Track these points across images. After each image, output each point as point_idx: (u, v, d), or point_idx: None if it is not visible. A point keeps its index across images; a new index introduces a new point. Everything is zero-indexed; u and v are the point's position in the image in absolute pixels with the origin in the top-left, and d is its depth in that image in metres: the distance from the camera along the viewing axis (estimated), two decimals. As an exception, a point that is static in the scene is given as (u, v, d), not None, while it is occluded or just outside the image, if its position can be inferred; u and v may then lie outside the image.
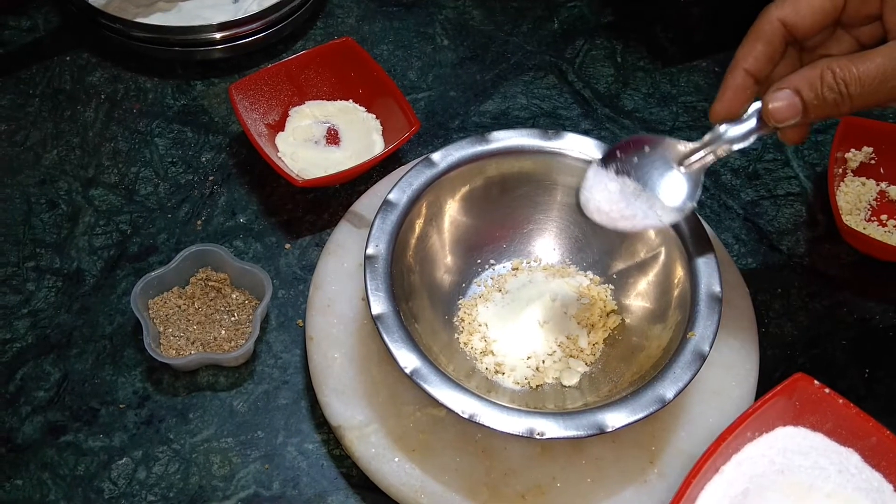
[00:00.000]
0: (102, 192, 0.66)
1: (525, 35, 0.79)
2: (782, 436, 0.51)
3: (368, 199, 0.63)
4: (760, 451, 0.51)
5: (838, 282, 0.65)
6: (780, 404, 0.52)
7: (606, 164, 0.52)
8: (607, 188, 0.51)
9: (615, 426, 0.48)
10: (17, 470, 0.54)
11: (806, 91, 0.45)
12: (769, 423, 0.51)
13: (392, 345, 0.50)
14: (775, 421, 0.51)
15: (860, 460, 0.51)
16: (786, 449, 0.51)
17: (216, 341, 0.58)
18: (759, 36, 0.47)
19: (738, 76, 0.48)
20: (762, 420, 0.51)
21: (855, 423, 0.51)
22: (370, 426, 0.53)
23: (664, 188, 0.51)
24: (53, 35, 0.76)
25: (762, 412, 0.51)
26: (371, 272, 0.53)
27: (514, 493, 0.52)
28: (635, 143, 0.52)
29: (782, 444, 0.51)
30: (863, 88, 0.44)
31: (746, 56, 0.48)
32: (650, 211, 0.51)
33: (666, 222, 0.52)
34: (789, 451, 0.51)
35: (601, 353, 0.58)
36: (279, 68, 0.69)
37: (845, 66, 0.44)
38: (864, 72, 0.44)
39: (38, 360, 0.58)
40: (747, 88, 0.48)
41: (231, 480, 0.54)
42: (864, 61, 0.44)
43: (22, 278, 0.62)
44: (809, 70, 0.45)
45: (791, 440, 0.51)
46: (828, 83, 0.45)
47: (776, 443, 0.51)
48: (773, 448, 0.51)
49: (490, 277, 0.61)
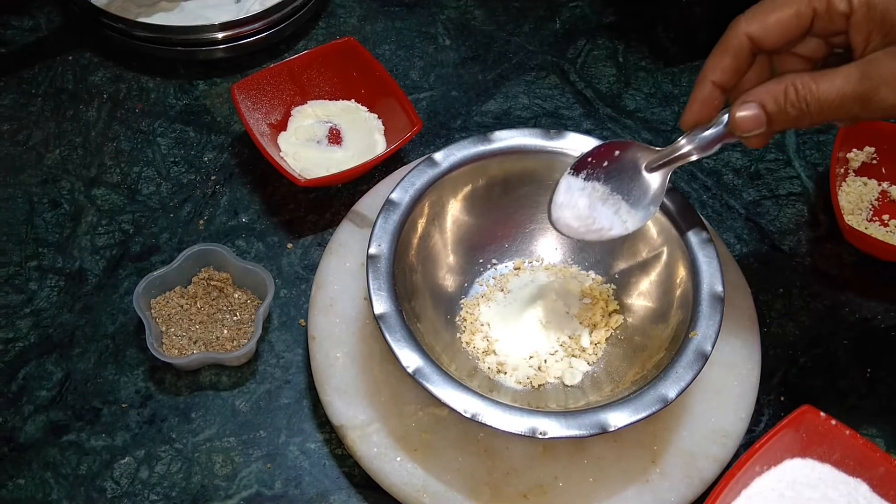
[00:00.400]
0: (105, 192, 0.66)
1: (527, 35, 0.79)
2: (790, 468, 0.51)
3: (370, 199, 0.63)
4: (770, 486, 0.51)
5: (840, 282, 0.65)
6: (788, 437, 0.52)
7: (577, 170, 0.53)
8: (576, 204, 0.53)
9: (617, 426, 0.48)
10: (19, 469, 0.54)
11: (770, 105, 0.47)
12: (777, 456, 0.51)
13: (394, 344, 0.50)
14: (783, 454, 0.52)
15: (869, 490, 0.51)
16: (795, 482, 0.51)
17: (218, 341, 0.58)
18: (727, 49, 0.48)
19: (706, 88, 0.50)
20: (770, 453, 0.51)
21: (862, 453, 0.51)
22: (372, 426, 0.53)
23: (631, 192, 0.53)
24: (56, 35, 0.76)
25: (770, 445, 0.51)
26: (373, 272, 0.53)
27: (516, 492, 0.52)
28: (606, 149, 0.53)
29: (791, 477, 0.51)
30: (822, 107, 0.46)
31: (714, 68, 0.49)
32: (615, 217, 0.53)
33: (630, 228, 0.54)
34: (798, 483, 0.51)
35: (603, 353, 0.58)
36: (281, 68, 0.69)
37: (807, 84, 0.46)
38: (823, 92, 0.45)
39: (40, 360, 0.58)
40: (715, 99, 0.50)
41: (233, 480, 0.54)
42: (825, 81, 0.45)
43: (24, 278, 0.62)
44: (774, 84, 0.47)
45: (799, 472, 0.51)
46: (790, 100, 0.46)
47: (785, 476, 0.51)
48: (783, 481, 0.51)
49: (492, 277, 0.61)
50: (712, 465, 0.53)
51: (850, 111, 0.46)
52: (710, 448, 0.54)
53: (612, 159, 0.53)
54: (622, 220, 0.53)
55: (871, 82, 0.44)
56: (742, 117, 0.47)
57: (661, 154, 0.53)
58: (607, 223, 0.53)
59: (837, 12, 0.45)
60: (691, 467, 0.53)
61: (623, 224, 0.53)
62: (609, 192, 0.53)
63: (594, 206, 0.53)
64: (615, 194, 0.53)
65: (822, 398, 0.59)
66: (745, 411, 0.55)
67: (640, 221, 0.53)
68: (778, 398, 0.59)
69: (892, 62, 0.44)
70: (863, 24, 0.45)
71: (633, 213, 0.53)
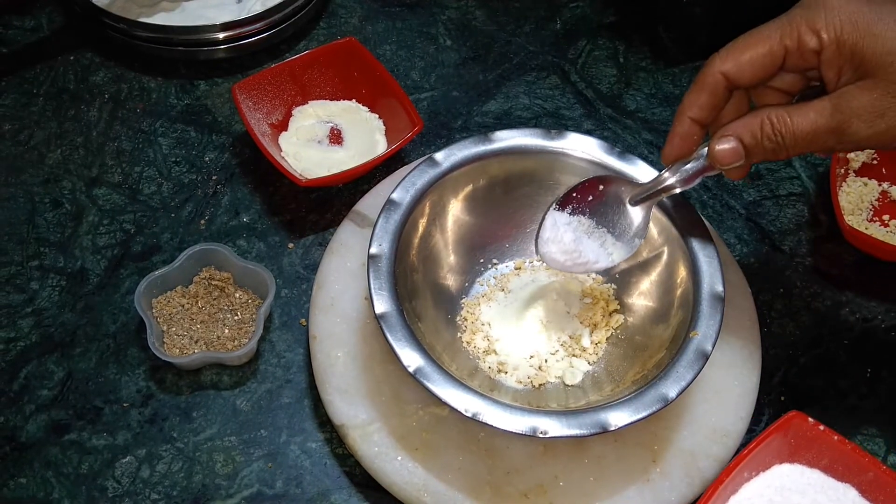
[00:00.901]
0: (106, 192, 0.67)
1: (527, 35, 0.79)
2: (779, 474, 0.52)
3: (371, 199, 0.63)
4: (758, 491, 0.51)
5: (840, 282, 0.65)
6: (776, 442, 0.52)
7: (563, 205, 0.55)
8: (562, 239, 0.55)
9: (618, 425, 0.48)
10: (21, 468, 0.54)
11: (748, 139, 0.48)
12: (766, 461, 0.52)
13: (395, 344, 0.50)
14: (772, 459, 0.52)
15: (858, 495, 0.51)
16: (783, 487, 0.51)
17: (219, 340, 0.58)
18: (703, 87, 0.50)
19: (685, 124, 0.51)
20: (759, 459, 0.52)
21: (851, 458, 0.52)
22: (373, 425, 0.54)
23: (616, 225, 0.55)
24: (57, 35, 0.76)
25: (758, 451, 0.51)
26: (374, 271, 0.53)
27: (517, 491, 0.52)
28: (591, 184, 0.55)
29: (779, 483, 0.51)
30: (797, 140, 0.47)
31: (692, 105, 0.50)
32: (601, 250, 0.55)
33: (616, 261, 0.55)
34: (786, 489, 0.51)
35: (604, 353, 0.58)
36: (283, 68, 0.69)
37: (782, 118, 0.47)
38: (798, 125, 0.47)
39: (41, 359, 0.58)
40: (694, 134, 0.51)
41: (234, 479, 0.54)
42: (799, 115, 0.47)
43: (26, 277, 0.62)
44: (751, 118, 0.48)
45: (788, 478, 0.52)
46: (766, 133, 0.47)
47: (773, 481, 0.51)
48: (771, 487, 0.51)
49: (493, 277, 0.61)
50: (713, 464, 0.53)
51: (825, 144, 0.47)
52: (711, 447, 0.54)
53: (596, 194, 0.55)
54: (608, 252, 0.55)
55: (842, 115, 0.45)
56: (721, 151, 0.49)
57: (644, 188, 0.54)
58: (593, 256, 0.55)
59: (808, 49, 0.46)
60: (692, 467, 0.53)
61: (609, 257, 0.55)
62: (594, 225, 0.55)
63: (580, 240, 0.55)
64: (601, 227, 0.55)
65: (822, 398, 0.60)
66: (745, 411, 0.56)
67: (625, 254, 0.55)
68: (778, 398, 0.59)
69: (863, 95, 0.45)
70: (834, 59, 0.46)
71: (619, 245, 0.55)
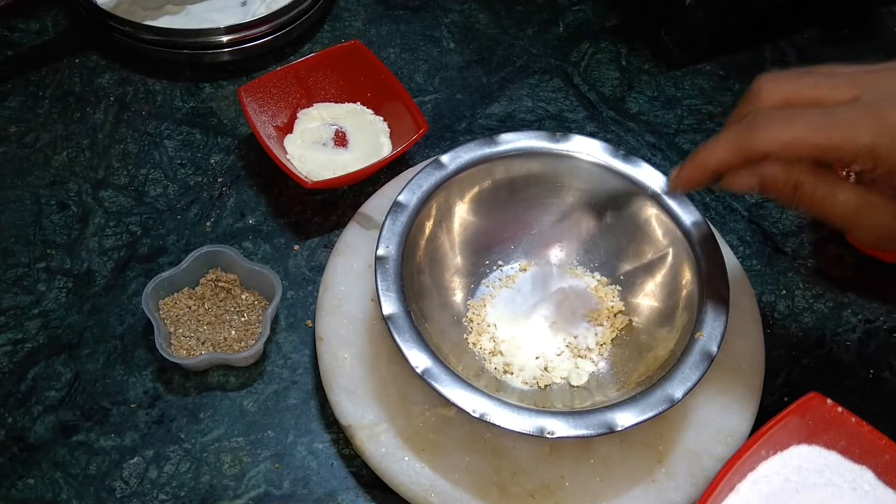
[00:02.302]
0: (112, 194, 0.67)
1: (530, 38, 0.80)
2: (797, 454, 0.52)
3: (377, 201, 0.64)
4: (775, 470, 0.51)
5: (842, 283, 0.65)
6: (794, 423, 0.52)
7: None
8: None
9: (625, 425, 0.49)
10: (29, 469, 0.54)
11: (770, 182, 0.47)
12: (783, 441, 0.52)
13: (403, 345, 0.51)
14: (789, 439, 0.52)
15: (874, 478, 0.51)
16: (800, 467, 0.51)
17: (226, 342, 0.58)
18: (741, 156, 0.47)
19: (706, 177, 0.49)
20: (776, 439, 0.52)
21: (868, 440, 0.52)
22: (380, 426, 0.54)
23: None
24: (62, 37, 0.76)
25: (776, 431, 0.52)
26: (382, 273, 0.53)
27: (524, 491, 0.52)
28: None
29: (797, 463, 0.52)
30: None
31: (721, 164, 0.48)
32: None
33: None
34: (804, 469, 0.51)
35: (609, 354, 0.58)
36: (288, 71, 0.69)
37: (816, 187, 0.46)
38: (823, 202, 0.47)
39: (49, 361, 0.58)
40: (707, 179, 0.50)
41: (242, 480, 0.55)
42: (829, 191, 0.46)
43: (33, 279, 0.62)
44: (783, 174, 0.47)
45: (805, 458, 0.52)
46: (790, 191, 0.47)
47: (791, 461, 0.52)
48: (788, 466, 0.51)
49: (498, 278, 0.61)
50: (717, 464, 0.54)
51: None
52: (716, 448, 0.54)
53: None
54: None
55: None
56: (739, 185, 0.48)
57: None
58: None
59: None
60: (697, 467, 0.53)
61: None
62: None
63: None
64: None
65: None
66: (749, 412, 0.56)
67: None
68: (781, 399, 0.60)
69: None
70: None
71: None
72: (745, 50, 0.80)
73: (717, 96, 0.76)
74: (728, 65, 0.79)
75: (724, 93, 0.77)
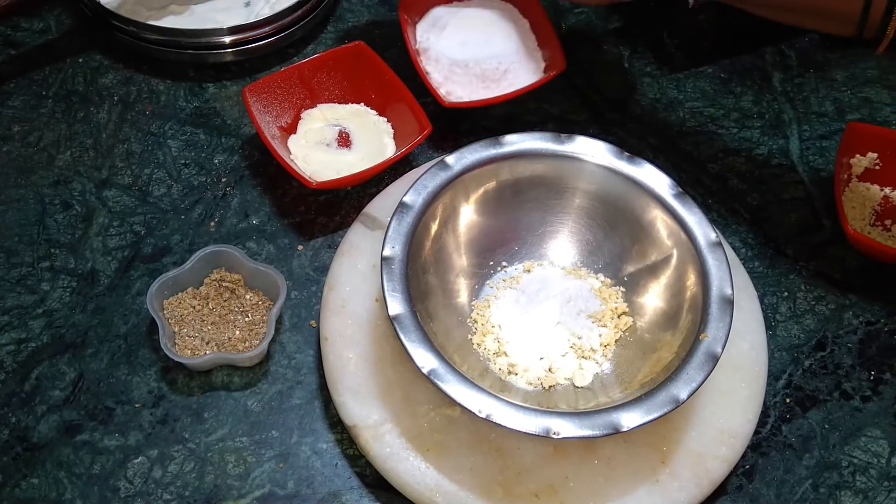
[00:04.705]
0: (116, 193, 0.67)
1: (533, 40, 0.80)
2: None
3: (380, 202, 0.64)
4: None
5: (844, 285, 0.66)
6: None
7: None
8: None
9: (630, 426, 0.49)
10: (33, 468, 0.54)
11: None
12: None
13: (409, 345, 0.51)
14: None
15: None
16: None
17: (230, 341, 0.58)
18: None
19: None
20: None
21: None
22: (385, 426, 0.54)
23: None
24: (66, 37, 0.76)
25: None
26: (388, 273, 0.53)
27: (528, 492, 0.52)
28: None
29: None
30: None
31: None
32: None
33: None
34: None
35: (613, 355, 0.58)
36: (292, 71, 0.69)
37: None
38: None
39: (53, 360, 0.58)
40: None
41: (246, 479, 0.55)
42: None
43: (37, 278, 0.62)
44: None
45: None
46: None
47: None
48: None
49: (503, 279, 0.61)
50: (720, 465, 0.54)
51: None
52: (719, 449, 0.54)
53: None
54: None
55: None
56: None
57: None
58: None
59: None
60: (700, 467, 0.54)
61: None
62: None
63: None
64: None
65: (826, 400, 0.60)
66: (752, 413, 0.56)
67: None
68: (784, 400, 0.60)
69: None
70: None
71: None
72: (746, 53, 0.80)
73: (719, 99, 0.77)
74: (730, 68, 0.79)
75: (725, 95, 0.77)
